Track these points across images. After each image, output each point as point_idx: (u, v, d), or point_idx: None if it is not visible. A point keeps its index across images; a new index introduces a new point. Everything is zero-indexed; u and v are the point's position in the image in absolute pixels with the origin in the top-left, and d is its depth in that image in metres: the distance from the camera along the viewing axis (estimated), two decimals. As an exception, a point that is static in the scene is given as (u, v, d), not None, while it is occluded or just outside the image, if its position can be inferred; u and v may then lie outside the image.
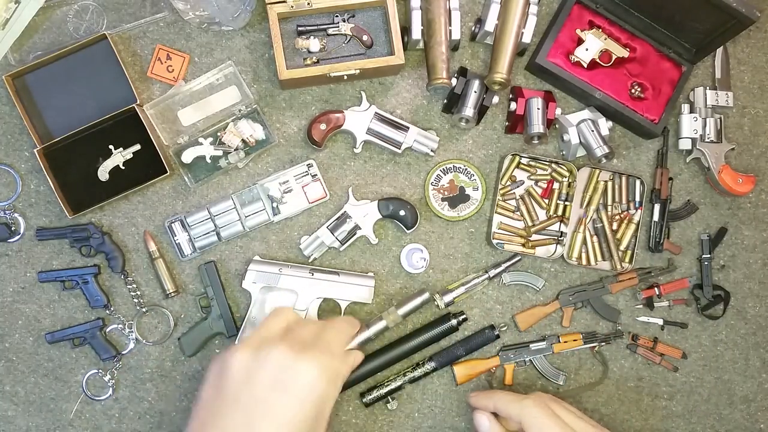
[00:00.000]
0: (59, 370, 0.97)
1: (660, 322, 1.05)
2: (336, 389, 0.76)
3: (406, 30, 0.99)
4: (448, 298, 0.98)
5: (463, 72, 0.98)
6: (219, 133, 0.98)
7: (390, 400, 0.98)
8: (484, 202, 1.02)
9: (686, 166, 1.07)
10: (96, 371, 0.98)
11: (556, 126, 1.04)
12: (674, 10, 0.97)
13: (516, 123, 1.02)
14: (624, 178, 1.04)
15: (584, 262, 1.03)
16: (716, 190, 1.07)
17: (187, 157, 0.97)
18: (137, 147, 0.97)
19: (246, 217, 0.98)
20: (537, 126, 0.99)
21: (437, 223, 1.02)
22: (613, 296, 1.04)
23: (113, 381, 0.98)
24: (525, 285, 1.03)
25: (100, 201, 0.96)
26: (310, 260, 0.99)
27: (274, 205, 0.98)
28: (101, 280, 0.98)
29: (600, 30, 1.02)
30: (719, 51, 1.07)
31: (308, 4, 0.96)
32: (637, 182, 1.04)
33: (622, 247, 1.03)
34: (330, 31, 0.99)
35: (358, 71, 0.96)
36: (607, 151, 0.99)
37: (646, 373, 1.05)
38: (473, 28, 1.03)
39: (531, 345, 1.01)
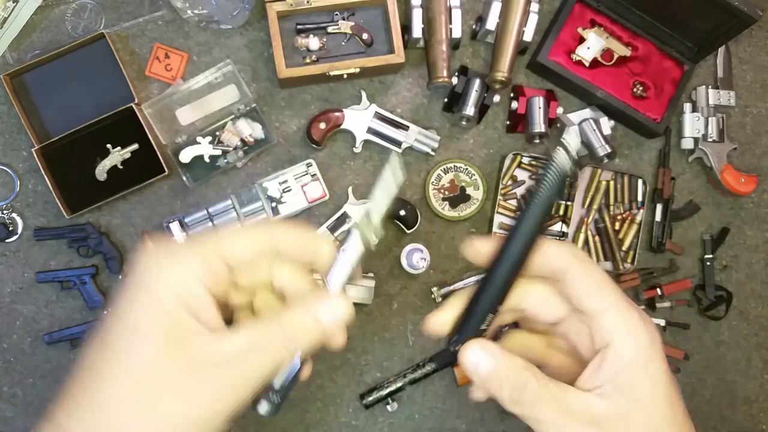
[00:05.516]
0: (58, 371, 0.97)
1: (662, 322, 1.04)
2: None
3: (406, 28, 0.98)
4: (445, 291, 0.99)
5: (463, 71, 0.97)
6: (218, 133, 0.97)
7: (390, 401, 0.97)
8: (485, 201, 1.02)
9: (688, 165, 1.07)
10: (94, 372, 0.97)
11: (558, 125, 1.03)
12: (676, 9, 0.96)
13: (517, 122, 1.01)
14: (626, 178, 1.04)
15: (586, 262, 1.02)
16: (718, 190, 1.06)
17: (186, 156, 0.96)
18: (135, 146, 0.96)
19: (245, 217, 0.97)
20: (538, 125, 0.98)
21: (438, 223, 1.02)
22: (614, 297, 1.04)
23: (111, 382, 0.97)
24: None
25: (98, 201, 0.95)
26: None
27: (273, 204, 0.98)
28: (99, 281, 0.97)
29: (602, 28, 1.02)
30: (721, 50, 1.07)
31: (308, 2, 0.95)
32: (639, 182, 1.03)
33: (624, 248, 1.03)
34: (330, 30, 0.98)
35: (358, 70, 0.95)
36: (609, 150, 0.98)
37: (648, 374, 1.04)
38: (474, 27, 1.02)
39: (532, 346, 1.01)
